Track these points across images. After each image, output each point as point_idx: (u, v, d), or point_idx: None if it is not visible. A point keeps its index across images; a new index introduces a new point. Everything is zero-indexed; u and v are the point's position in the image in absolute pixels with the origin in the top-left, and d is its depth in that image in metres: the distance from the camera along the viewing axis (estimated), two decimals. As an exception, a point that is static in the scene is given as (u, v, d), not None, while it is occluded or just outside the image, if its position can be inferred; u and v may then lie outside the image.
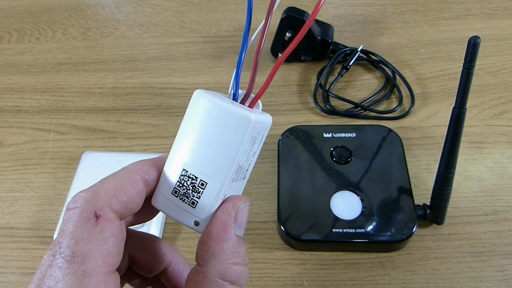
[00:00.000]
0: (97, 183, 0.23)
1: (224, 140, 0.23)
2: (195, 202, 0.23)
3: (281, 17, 0.53)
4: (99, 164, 0.46)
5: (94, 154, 0.48)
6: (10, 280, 0.42)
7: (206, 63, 0.59)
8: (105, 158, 0.47)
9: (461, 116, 0.35)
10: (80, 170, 0.47)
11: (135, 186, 0.23)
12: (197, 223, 0.24)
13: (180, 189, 0.24)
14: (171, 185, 0.24)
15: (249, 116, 0.23)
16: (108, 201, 0.22)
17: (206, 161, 0.23)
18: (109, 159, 0.47)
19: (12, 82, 0.58)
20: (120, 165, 0.38)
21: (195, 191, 0.23)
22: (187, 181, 0.24)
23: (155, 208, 0.25)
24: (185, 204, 0.24)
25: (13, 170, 0.49)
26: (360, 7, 0.65)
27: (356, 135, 0.47)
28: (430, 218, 0.42)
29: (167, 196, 0.24)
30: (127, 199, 0.22)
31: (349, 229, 0.40)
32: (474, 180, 0.46)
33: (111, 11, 0.67)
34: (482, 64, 0.56)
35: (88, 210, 0.21)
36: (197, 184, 0.23)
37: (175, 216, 0.24)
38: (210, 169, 0.23)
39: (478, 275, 0.39)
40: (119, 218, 0.22)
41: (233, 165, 0.23)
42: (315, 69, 0.57)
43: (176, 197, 0.24)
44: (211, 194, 0.23)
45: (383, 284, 0.39)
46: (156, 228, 0.42)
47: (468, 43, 0.32)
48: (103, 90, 0.56)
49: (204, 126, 0.23)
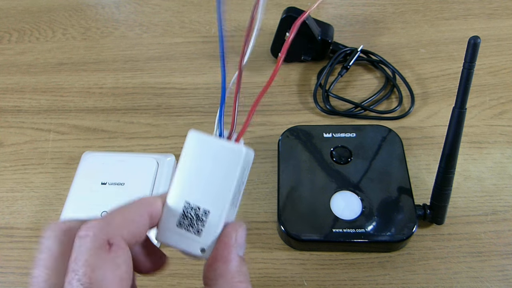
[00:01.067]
0: (108, 213, 0.24)
1: (221, 172, 0.26)
2: (200, 230, 0.26)
3: (281, 17, 0.53)
4: (99, 164, 0.46)
5: (94, 154, 0.47)
6: (10, 280, 0.42)
7: (206, 63, 0.59)
8: (105, 158, 0.47)
9: (461, 116, 0.35)
10: (80, 170, 0.46)
11: (142, 218, 0.25)
12: (203, 250, 0.26)
13: (185, 221, 0.26)
14: (176, 218, 0.26)
15: (241, 149, 0.26)
16: (120, 230, 0.23)
17: (206, 192, 0.26)
18: (109, 159, 0.46)
19: (12, 82, 0.58)
20: (120, 165, 0.43)
21: (199, 220, 0.26)
22: (191, 212, 0.26)
23: (162, 242, 0.27)
24: (190, 234, 0.26)
25: (13, 170, 0.49)
26: (360, 7, 0.65)
27: (356, 135, 0.47)
28: (430, 218, 0.42)
29: (172, 229, 0.26)
30: (135, 229, 0.24)
31: (349, 229, 0.40)
32: (474, 180, 0.46)
33: (111, 11, 0.67)
34: (482, 64, 0.56)
35: (101, 238, 0.22)
36: (200, 214, 0.26)
37: (182, 246, 0.26)
38: (211, 198, 0.26)
39: (478, 275, 0.39)
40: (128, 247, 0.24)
41: (231, 193, 0.26)
42: (315, 69, 0.57)
43: (181, 228, 0.26)
44: (214, 221, 0.26)
45: (383, 284, 0.39)
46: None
47: (468, 43, 0.32)
48: (103, 90, 0.56)
49: (201, 162, 0.26)
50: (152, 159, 0.45)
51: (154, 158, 0.45)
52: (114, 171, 0.44)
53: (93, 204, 0.42)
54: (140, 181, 0.44)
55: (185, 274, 0.41)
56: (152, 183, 0.44)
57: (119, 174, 0.44)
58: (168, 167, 0.45)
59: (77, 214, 0.40)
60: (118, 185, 0.43)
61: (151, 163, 0.45)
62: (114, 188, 0.43)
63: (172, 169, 0.45)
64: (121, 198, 0.37)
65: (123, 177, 0.44)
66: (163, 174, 0.45)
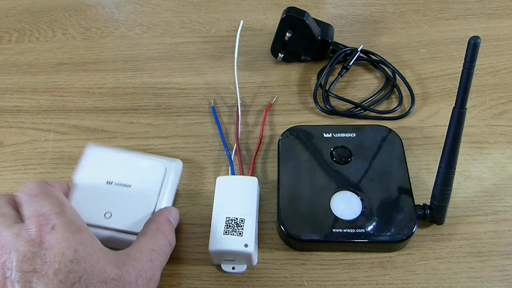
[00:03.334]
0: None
1: (245, 193, 0.41)
2: (241, 232, 0.38)
3: (281, 17, 0.53)
4: (104, 161, 0.43)
5: (99, 149, 0.44)
6: (10, 280, 0.42)
7: (206, 63, 0.59)
8: (111, 154, 0.43)
9: (461, 116, 0.35)
10: (84, 163, 0.42)
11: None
12: (246, 245, 0.38)
13: (228, 229, 0.39)
14: (221, 229, 0.39)
15: (254, 179, 0.43)
16: None
17: (239, 208, 0.40)
18: (115, 156, 0.43)
19: (12, 82, 0.58)
20: (127, 164, 0.43)
21: (239, 226, 0.39)
22: (231, 222, 0.39)
23: (214, 251, 0.39)
24: (235, 236, 0.38)
25: (13, 170, 0.49)
26: (360, 7, 0.65)
27: (356, 135, 0.47)
28: (430, 218, 0.42)
29: (220, 237, 0.38)
30: None
31: (349, 229, 0.40)
32: (474, 180, 0.46)
33: (111, 11, 0.67)
34: (482, 64, 0.56)
35: None
36: (239, 221, 0.39)
37: (230, 247, 0.38)
38: (243, 211, 0.40)
39: (478, 275, 0.39)
40: None
41: (256, 204, 0.41)
42: (315, 69, 0.57)
43: (227, 235, 0.38)
44: (249, 224, 0.39)
45: (383, 284, 0.39)
46: (168, 202, 0.42)
47: (468, 43, 0.32)
48: (103, 90, 0.56)
49: (230, 190, 0.42)
50: (160, 164, 0.42)
51: (162, 164, 0.43)
52: (120, 171, 0.42)
53: (97, 203, 0.40)
54: (147, 185, 0.41)
55: (185, 274, 0.41)
56: (159, 189, 0.41)
57: (125, 175, 0.41)
58: (175, 173, 0.43)
59: (80, 211, 0.36)
60: (124, 186, 0.41)
61: (159, 168, 0.42)
62: (120, 189, 0.41)
63: (179, 176, 0.44)
64: (127, 200, 0.40)
65: (129, 178, 0.41)
66: (169, 180, 0.42)
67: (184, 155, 0.49)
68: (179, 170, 0.44)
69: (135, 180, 0.41)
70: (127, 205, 0.40)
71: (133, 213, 0.39)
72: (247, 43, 0.61)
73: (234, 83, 0.54)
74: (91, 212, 0.39)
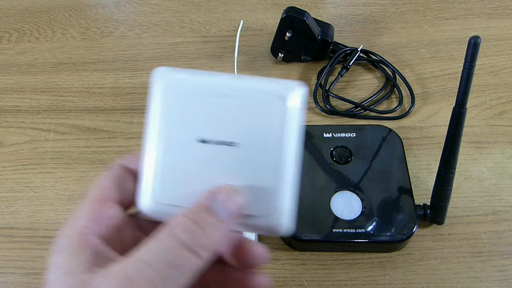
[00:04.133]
0: None
1: None
2: None
3: (281, 16, 0.53)
4: (190, 101, 0.25)
5: (178, 78, 0.26)
6: (10, 280, 0.42)
7: (206, 63, 0.59)
8: (199, 89, 0.25)
9: (461, 116, 0.35)
10: (159, 107, 0.26)
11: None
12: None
13: None
14: None
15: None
16: None
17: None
18: (205, 92, 0.25)
19: (12, 82, 0.58)
20: (226, 105, 0.25)
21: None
22: None
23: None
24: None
25: (13, 170, 0.49)
26: (360, 7, 0.65)
27: (356, 135, 0.47)
28: (430, 218, 0.42)
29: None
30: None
31: (349, 229, 0.40)
32: (474, 180, 0.46)
33: (111, 11, 0.67)
34: (482, 64, 0.56)
35: None
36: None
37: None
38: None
39: (478, 275, 0.39)
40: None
41: None
42: (315, 69, 0.57)
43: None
44: None
45: (383, 284, 0.39)
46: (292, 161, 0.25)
47: (469, 43, 0.32)
48: (103, 90, 0.56)
49: None
50: (277, 99, 0.25)
51: (278, 95, 0.25)
52: (217, 118, 0.25)
53: (189, 180, 0.25)
54: (263, 137, 0.25)
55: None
56: (282, 137, 0.25)
57: (227, 124, 0.25)
58: (297, 106, 0.26)
59: (167, 192, 0.25)
60: (228, 146, 0.25)
61: (275, 103, 0.25)
62: (223, 150, 0.25)
63: (304, 112, 0.26)
64: (237, 168, 0.25)
65: (234, 130, 0.25)
66: (290, 119, 0.25)
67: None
68: (301, 101, 0.26)
69: (243, 132, 0.25)
70: (238, 176, 0.25)
71: (248, 187, 0.25)
72: (247, 43, 0.61)
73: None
74: (182, 194, 0.25)
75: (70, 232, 0.24)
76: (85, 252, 0.23)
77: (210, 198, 0.23)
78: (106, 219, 0.24)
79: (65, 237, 0.23)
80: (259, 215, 0.25)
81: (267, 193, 0.25)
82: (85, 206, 0.25)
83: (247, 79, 0.26)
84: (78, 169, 0.49)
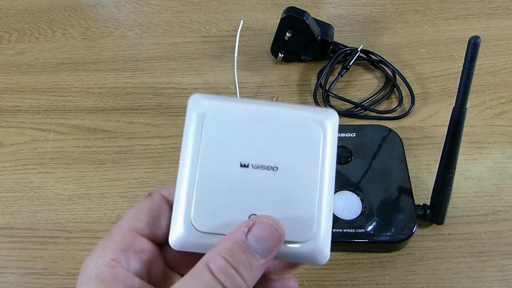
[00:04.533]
0: None
1: None
2: None
3: (281, 16, 0.53)
4: (227, 128, 0.26)
5: (214, 104, 0.26)
6: (10, 280, 0.42)
7: (206, 63, 0.59)
8: (236, 114, 0.26)
9: (461, 116, 0.35)
10: (198, 134, 0.26)
11: None
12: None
13: None
14: None
15: None
16: None
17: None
18: (242, 118, 0.26)
19: (12, 82, 0.58)
20: (263, 130, 0.26)
21: None
22: None
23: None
24: None
25: (13, 170, 0.49)
26: (360, 7, 0.65)
27: (356, 135, 0.47)
28: (430, 218, 0.42)
29: None
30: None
31: (349, 229, 0.40)
32: (474, 180, 0.46)
33: (111, 11, 0.67)
34: (482, 64, 0.56)
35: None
36: None
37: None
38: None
39: (478, 275, 0.39)
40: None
41: None
42: (315, 69, 0.57)
43: None
44: None
45: (383, 284, 0.39)
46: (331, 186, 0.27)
47: (469, 43, 0.32)
48: (103, 90, 0.56)
49: None
50: (314, 124, 0.26)
51: (315, 121, 0.26)
52: (255, 143, 0.26)
53: (230, 204, 0.25)
54: (302, 163, 0.25)
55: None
56: (319, 162, 0.26)
57: (265, 149, 0.25)
58: (333, 135, 0.27)
59: (202, 218, 0.24)
60: (268, 170, 0.25)
61: (312, 129, 0.26)
62: (262, 175, 0.25)
63: (336, 138, 0.27)
64: (276, 192, 0.25)
65: (273, 154, 0.25)
66: (326, 143, 0.26)
67: (184, 155, 0.49)
68: (336, 126, 0.27)
69: (282, 156, 0.25)
70: (277, 201, 0.25)
71: (287, 212, 0.25)
72: (247, 43, 0.61)
73: (234, 83, 0.54)
74: (218, 221, 0.24)
75: (99, 263, 0.23)
76: (119, 287, 0.22)
77: (246, 232, 0.22)
78: (136, 253, 0.24)
79: (95, 268, 0.23)
80: (298, 241, 0.24)
81: (307, 218, 0.24)
82: (115, 238, 0.24)
83: (283, 105, 0.26)
84: (78, 169, 0.49)
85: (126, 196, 0.47)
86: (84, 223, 0.45)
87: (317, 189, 0.25)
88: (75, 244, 0.44)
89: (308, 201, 0.25)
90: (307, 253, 0.24)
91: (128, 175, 0.48)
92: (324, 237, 0.24)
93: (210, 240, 0.23)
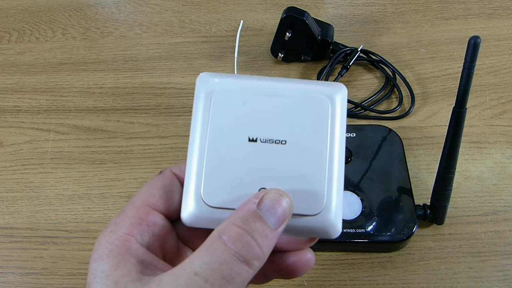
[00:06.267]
0: None
1: None
2: None
3: (281, 17, 0.53)
4: (236, 102, 0.26)
5: (223, 81, 0.26)
6: (10, 280, 0.42)
7: (206, 63, 0.59)
8: (245, 90, 0.26)
9: (461, 116, 0.35)
10: (206, 110, 0.26)
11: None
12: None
13: None
14: None
15: None
16: None
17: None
18: (251, 93, 0.26)
19: (12, 82, 0.58)
20: (272, 105, 0.26)
21: None
22: None
23: None
24: None
25: (13, 170, 0.49)
26: (360, 7, 0.65)
27: (356, 135, 0.47)
28: (430, 218, 0.42)
29: None
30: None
31: (349, 229, 0.40)
32: (474, 180, 0.46)
33: (111, 11, 0.67)
34: (482, 64, 0.56)
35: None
36: None
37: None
38: None
39: (478, 275, 0.39)
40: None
41: None
42: (315, 69, 0.57)
43: None
44: None
45: (383, 284, 0.39)
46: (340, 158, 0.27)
47: (469, 43, 0.32)
48: (103, 90, 0.56)
49: None
50: (322, 97, 0.26)
51: (324, 94, 0.26)
52: (264, 117, 0.26)
53: (240, 178, 0.25)
54: (310, 136, 0.25)
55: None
56: (328, 135, 0.26)
57: (273, 123, 0.26)
58: (341, 105, 0.26)
59: (213, 194, 0.24)
60: (276, 144, 0.25)
61: (320, 102, 0.26)
62: (270, 149, 0.25)
63: (345, 111, 0.26)
64: (285, 166, 0.25)
65: (281, 128, 0.25)
66: (335, 116, 0.26)
67: (184, 155, 0.49)
68: (345, 101, 0.27)
69: (290, 130, 0.25)
70: (287, 175, 0.25)
71: (297, 185, 0.25)
72: (247, 43, 0.61)
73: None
74: (233, 193, 0.25)
75: (112, 238, 0.23)
76: (131, 261, 0.22)
77: (257, 203, 0.22)
78: (150, 227, 0.24)
79: (108, 244, 0.23)
80: (309, 214, 0.24)
81: (317, 191, 0.24)
82: (129, 213, 0.24)
83: (291, 81, 0.26)
84: (78, 169, 0.49)
85: (126, 196, 0.47)
86: (84, 223, 0.45)
87: (326, 162, 0.25)
88: (75, 244, 0.44)
89: (317, 174, 0.24)
90: (319, 226, 0.24)
91: (128, 175, 0.48)
92: (336, 210, 0.24)
93: (221, 215, 0.23)
